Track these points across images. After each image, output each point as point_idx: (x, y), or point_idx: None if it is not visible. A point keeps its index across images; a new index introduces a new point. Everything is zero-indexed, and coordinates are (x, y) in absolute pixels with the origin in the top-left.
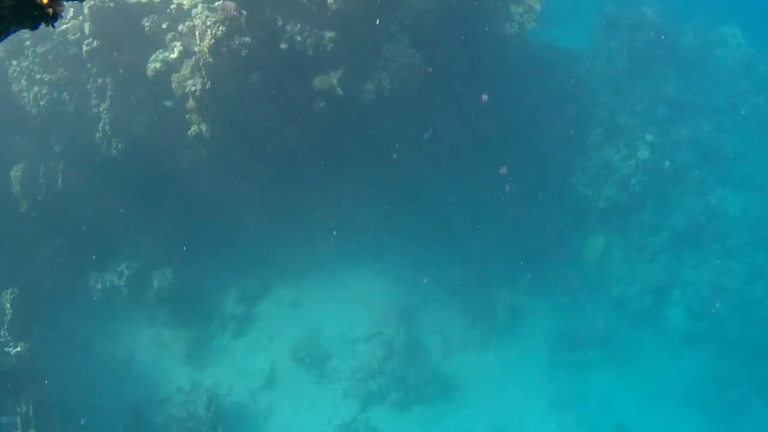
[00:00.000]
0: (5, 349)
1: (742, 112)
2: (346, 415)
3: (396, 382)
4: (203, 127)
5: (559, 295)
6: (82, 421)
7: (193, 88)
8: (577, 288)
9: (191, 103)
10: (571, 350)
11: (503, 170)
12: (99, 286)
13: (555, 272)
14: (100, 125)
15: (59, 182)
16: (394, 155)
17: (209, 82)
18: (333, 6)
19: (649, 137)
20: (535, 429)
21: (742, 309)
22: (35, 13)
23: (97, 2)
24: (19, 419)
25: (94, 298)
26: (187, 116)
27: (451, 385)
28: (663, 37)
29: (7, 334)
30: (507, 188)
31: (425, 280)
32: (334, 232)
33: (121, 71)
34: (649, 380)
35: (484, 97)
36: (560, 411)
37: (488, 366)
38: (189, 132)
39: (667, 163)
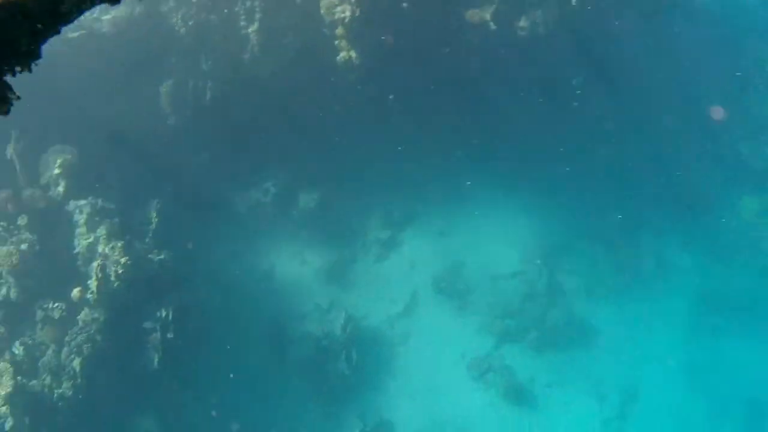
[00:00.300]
0: (148, 255)
1: None
2: (481, 350)
3: (534, 322)
4: (352, 53)
5: (708, 252)
6: (228, 347)
7: (342, 15)
8: (728, 248)
9: (340, 29)
10: (713, 312)
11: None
12: (245, 202)
13: (707, 228)
14: (249, 47)
15: (207, 98)
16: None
17: (359, 9)
18: None
19: None
20: (661, 392)
21: None
22: None
23: None
24: (159, 324)
25: (241, 212)
26: (336, 42)
27: (587, 332)
28: None
29: (151, 242)
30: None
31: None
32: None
33: None
34: None
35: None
36: (691, 376)
37: (626, 317)
38: (338, 58)
39: None
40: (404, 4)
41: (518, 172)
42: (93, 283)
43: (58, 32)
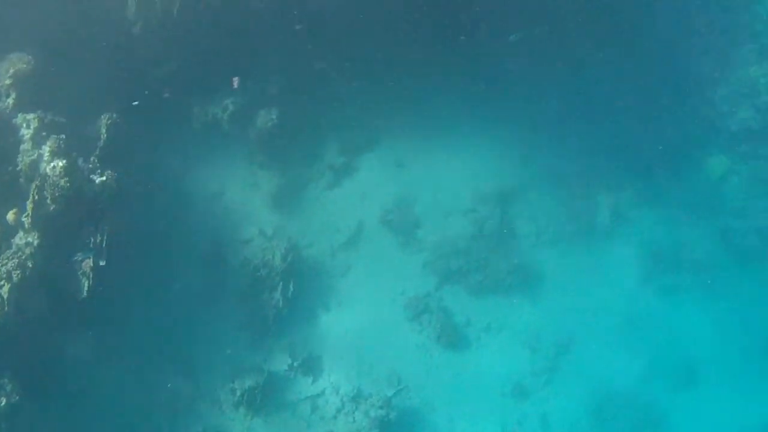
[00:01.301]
0: (91, 176)
1: None
2: (421, 290)
3: (478, 264)
4: None
5: (666, 209)
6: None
7: None
8: (687, 206)
9: None
10: (664, 271)
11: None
12: (201, 117)
13: (668, 183)
14: None
15: (176, 9)
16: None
17: None
18: None
19: None
20: (602, 348)
21: None
22: None
23: None
24: (92, 251)
25: (194, 127)
26: None
27: (532, 279)
28: None
29: (96, 161)
30: None
31: None
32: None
33: None
34: (736, 321)
35: None
36: (634, 334)
37: (574, 267)
38: None
39: None
40: None
41: (484, 107)
42: (29, 205)
43: None
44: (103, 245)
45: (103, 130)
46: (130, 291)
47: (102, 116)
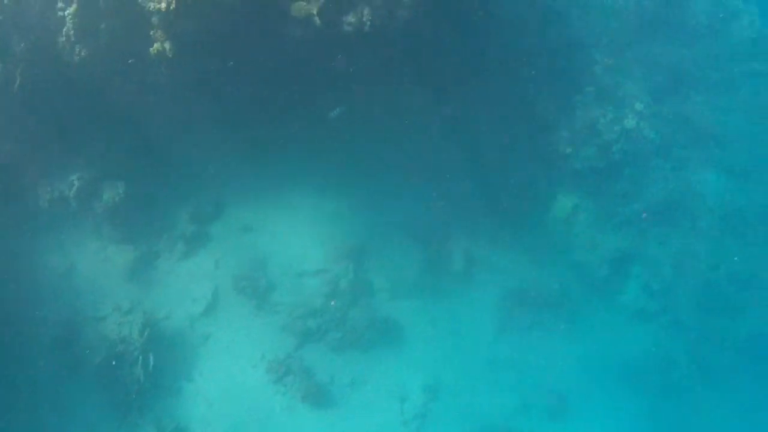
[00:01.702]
0: None
1: (741, 93)
2: (281, 352)
3: (336, 322)
4: (167, 45)
5: (519, 251)
6: None
7: (158, 6)
8: (539, 246)
9: (155, 20)
10: (522, 309)
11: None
12: (47, 195)
13: (518, 226)
14: (64, 29)
15: (17, 84)
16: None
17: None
18: None
19: (639, 106)
20: (470, 390)
21: (701, 293)
22: None
23: None
24: None
25: (41, 205)
26: (151, 33)
27: (391, 332)
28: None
29: None
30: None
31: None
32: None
33: None
34: (595, 350)
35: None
36: (499, 372)
37: (434, 316)
38: (151, 50)
39: (652, 135)
40: None
41: (325, 168)
42: None
43: None
44: None
45: None
46: None
47: None
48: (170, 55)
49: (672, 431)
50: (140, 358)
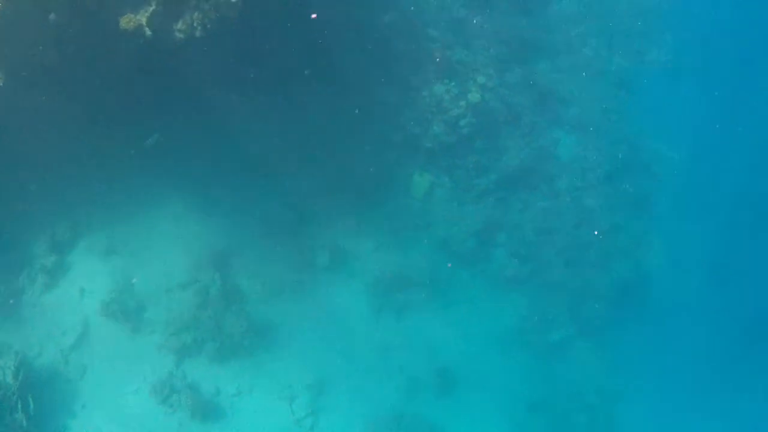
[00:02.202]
0: None
1: (579, 54)
2: (162, 372)
3: (211, 332)
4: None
5: (383, 234)
6: None
7: None
8: (402, 228)
9: None
10: (394, 293)
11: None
12: None
13: (380, 211)
14: None
15: None
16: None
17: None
18: None
19: (481, 79)
20: (356, 377)
21: (567, 252)
22: None
23: None
24: None
25: None
26: None
27: (269, 334)
28: None
29: None
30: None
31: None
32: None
33: None
34: (473, 322)
35: (312, 15)
36: (382, 357)
37: (309, 311)
38: None
39: (499, 104)
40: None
41: (180, 177)
42: None
43: None
44: None
45: None
46: None
47: None
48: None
49: (559, 388)
50: (19, 402)
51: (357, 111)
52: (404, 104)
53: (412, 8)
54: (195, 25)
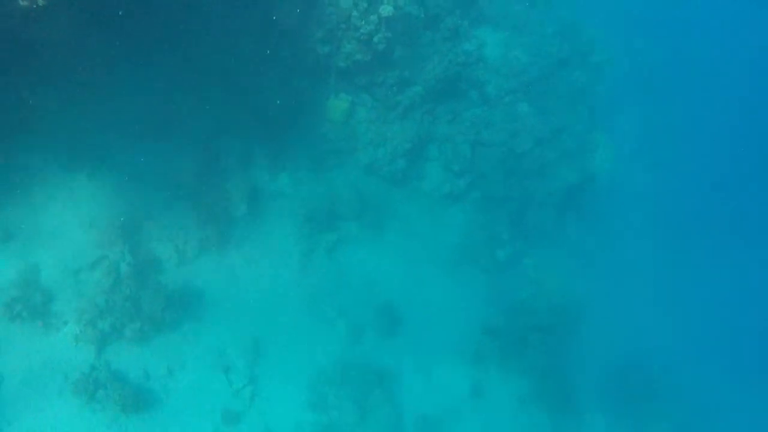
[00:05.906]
0: None
1: None
2: (83, 366)
3: (129, 314)
4: None
5: (303, 169)
6: None
7: None
8: (323, 158)
9: None
10: (324, 231)
11: None
12: None
13: (296, 144)
14: None
15: None
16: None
17: None
18: None
19: None
20: (293, 333)
21: (505, 162)
22: None
23: None
24: None
25: None
26: None
27: (193, 302)
28: None
29: None
30: None
31: None
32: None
33: None
34: (413, 247)
35: None
36: (318, 304)
37: (232, 269)
38: None
39: (415, 8)
40: None
41: (72, 145)
42: None
43: None
44: None
45: None
46: None
47: None
48: None
49: (511, 300)
50: None
51: (255, 36)
52: (307, 24)
53: None
54: None
